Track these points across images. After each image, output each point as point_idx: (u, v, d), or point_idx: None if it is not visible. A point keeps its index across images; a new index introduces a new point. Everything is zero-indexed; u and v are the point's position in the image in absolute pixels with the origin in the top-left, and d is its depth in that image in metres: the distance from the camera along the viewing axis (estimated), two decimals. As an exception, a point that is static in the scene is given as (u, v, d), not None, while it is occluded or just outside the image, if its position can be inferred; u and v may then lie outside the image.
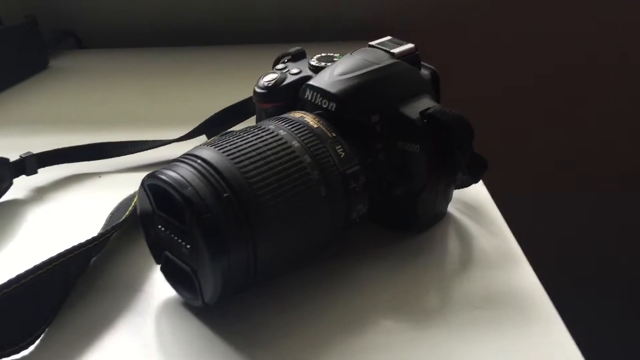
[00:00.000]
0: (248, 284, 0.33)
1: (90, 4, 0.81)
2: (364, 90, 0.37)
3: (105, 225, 0.40)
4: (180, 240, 0.33)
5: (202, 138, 0.53)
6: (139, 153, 0.52)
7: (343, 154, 0.36)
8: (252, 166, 0.32)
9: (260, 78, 0.44)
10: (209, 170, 0.32)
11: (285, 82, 0.43)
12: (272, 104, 0.43)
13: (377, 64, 0.38)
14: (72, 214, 0.46)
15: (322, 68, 0.42)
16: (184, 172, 0.32)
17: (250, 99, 0.51)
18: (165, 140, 0.52)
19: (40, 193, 0.48)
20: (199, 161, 0.32)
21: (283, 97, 0.43)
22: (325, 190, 0.34)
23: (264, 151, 0.33)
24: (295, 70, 0.44)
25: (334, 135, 0.36)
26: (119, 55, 0.79)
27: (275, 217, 0.32)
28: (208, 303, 0.33)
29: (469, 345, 0.33)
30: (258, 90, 0.43)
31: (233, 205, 0.31)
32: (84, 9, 0.81)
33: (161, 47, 0.81)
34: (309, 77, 0.42)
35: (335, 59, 0.43)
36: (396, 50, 0.39)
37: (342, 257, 0.39)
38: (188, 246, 0.32)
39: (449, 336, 0.34)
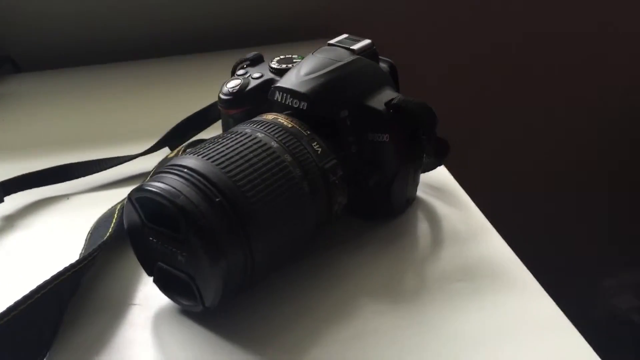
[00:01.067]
0: (245, 284, 0.34)
1: (25, 26, 0.79)
2: (331, 88, 0.39)
3: (88, 244, 0.40)
4: (174, 250, 0.33)
5: (166, 150, 0.53)
6: (104, 171, 0.52)
7: (320, 149, 0.37)
8: (237, 170, 0.33)
9: (223, 85, 0.45)
10: (197, 178, 0.32)
11: (249, 87, 0.44)
12: (239, 109, 0.44)
13: (339, 61, 0.40)
14: (46, 239, 0.46)
15: (283, 70, 0.44)
16: (173, 182, 0.32)
17: (210, 106, 0.52)
18: (129, 155, 0.52)
19: (10, 221, 0.47)
20: (185, 170, 0.33)
21: (249, 102, 0.44)
22: (308, 186, 0.36)
23: (246, 154, 0.34)
24: (257, 75, 0.45)
25: (308, 132, 0.38)
26: (60, 76, 0.78)
27: (266, 217, 0.33)
28: (209, 307, 0.34)
29: (455, 314, 0.35)
30: (223, 97, 0.44)
31: (226, 209, 0.32)
32: (18, 33, 0.79)
33: (105, 64, 0.80)
34: (271, 80, 0.44)
35: (295, 60, 0.45)
36: (356, 47, 0.41)
37: (325, 249, 0.41)
38: (184, 254, 0.33)
39: (435, 310, 0.36)
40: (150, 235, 0.34)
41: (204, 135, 0.51)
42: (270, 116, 0.39)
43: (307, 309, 0.37)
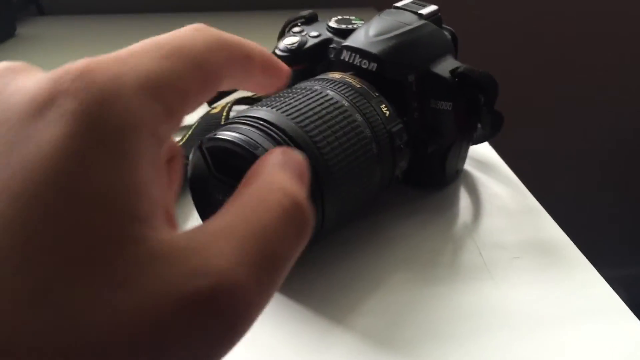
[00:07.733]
0: (312, 241, 0.33)
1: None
2: (401, 51, 0.38)
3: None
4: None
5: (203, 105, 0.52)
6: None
7: (387, 112, 0.37)
8: (312, 125, 0.33)
9: (280, 41, 0.44)
10: (274, 130, 0.32)
11: (307, 45, 0.43)
12: (296, 67, 0.43)
13: (408, 25, 0.39)
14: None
15: (343, 30, 0.43)
16: (250, 133, 0.32)
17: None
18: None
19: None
20: (260, 122, 0.32)
21: (306, 60, 0.43)
22: (376, 148, 0.35)
23: (319, 110, 0.34)
24: (314, 33, 0.44)
25: (377, 94, 0.37)
26: (85, 22, 0.76)
27: (339, 175, 0.33)
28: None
29: (514, 292, 0.35)
30: (280, 53, 0.44)
31: (302, 164, 0.31)
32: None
33: (137, 13, 0.78)
34: (330, 40, 0.43)
35: (353, 22, 0.44)
36: (423, 12, 0.41)
37: (377, 214, 0.41)
38: (254, 207, 0.32)
39: (494, 286, 0.35)
40: (216, 188, 0.34)
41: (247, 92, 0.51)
42: (337, 75, 0.38)
43: (357, 273, 0.36)
